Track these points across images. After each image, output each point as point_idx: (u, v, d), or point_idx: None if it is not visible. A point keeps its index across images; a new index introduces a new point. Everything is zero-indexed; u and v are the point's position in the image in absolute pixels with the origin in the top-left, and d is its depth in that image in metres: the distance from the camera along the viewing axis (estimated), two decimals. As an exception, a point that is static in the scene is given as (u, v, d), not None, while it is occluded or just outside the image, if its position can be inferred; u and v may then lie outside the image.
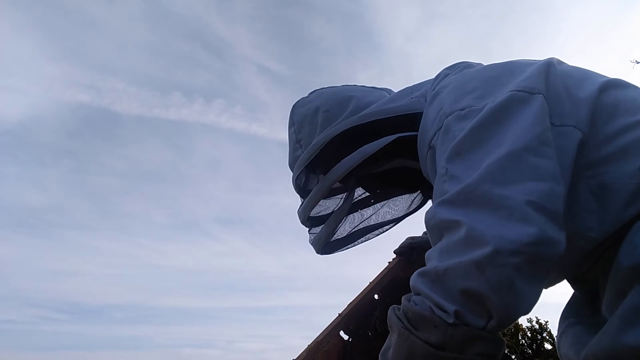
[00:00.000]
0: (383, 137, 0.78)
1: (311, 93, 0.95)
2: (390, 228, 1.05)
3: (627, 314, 0.54)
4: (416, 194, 1.05)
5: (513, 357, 12.63)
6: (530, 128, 0.59)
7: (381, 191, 1.02)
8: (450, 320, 0.54)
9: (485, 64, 0.80)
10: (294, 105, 0.95)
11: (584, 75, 0.74)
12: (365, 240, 1.03)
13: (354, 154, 0.78)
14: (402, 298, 0.63)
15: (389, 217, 1.04)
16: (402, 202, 1.05)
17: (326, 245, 0.96)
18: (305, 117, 0.90)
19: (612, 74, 0.73)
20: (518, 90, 0.64)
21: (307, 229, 0.96)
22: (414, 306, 0.59)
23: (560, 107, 0.65)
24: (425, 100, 0.81)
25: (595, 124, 0.65)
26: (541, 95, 0.63)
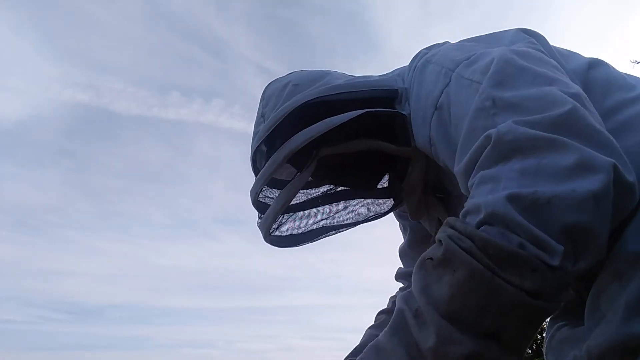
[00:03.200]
0: None
1: (290, 73, 0.88)
2: (351, 228, 0.92)
3: (633, 302, 0.49)
4: (386, 200, 0.91)
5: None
6: (558, 72, 0.56)
7: (340, 182, 0.89)
8: (555, 263, 0.42)
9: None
10: (269, 83, 0.87)
11: (568, 52, 0.72)
12: (321, 238, 0.91)
13: (317, 125, 0.69)
14: (454, 222, 0.48)
15: (351, 219, 0.92)
16: (368, 203, 0.92)
17: (279, 234, 0.86)
18: (274, 90, 0.81)
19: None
20: (529, 42, 0.63)
21: (258, 214, 0.84)
22: (495, 238, 0.44)
23: None
24: (403, 80, 0.76)
25: (592, 99, 0.61)
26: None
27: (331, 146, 0.73)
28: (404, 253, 1.06)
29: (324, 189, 0.91)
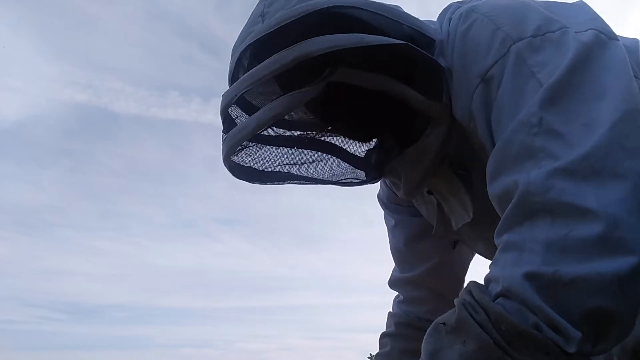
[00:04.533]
0: None
1: None
2: (316, 184, 0.76)
3: None
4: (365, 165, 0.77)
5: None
6: (629, 80, 0.48)
7: (339, 129, 0.73)
8: (572, 350, 0.40)
9: None
10: None
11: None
12: (283, 184, 0.74)
13: (347, 35, 0.54)
14: (473, 289, 0.46)
15: (320, 175, 0.75)
16: (346, 165, 0.77)
17: (239, 161, 0.69)
18: None
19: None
20: (600, 31, 0.52)
21: (223, 128, 0.64)
22: (509, 315, 0.41)
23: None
24: (437, 32, 0.64)
25: None
26: (619, 42, 0.52)
27: (351, 69, 0.58)
28: (398, 254, 0.95)
29: (301, 129, 0.74)
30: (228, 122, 0.64)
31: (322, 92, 0.58)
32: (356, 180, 0.77)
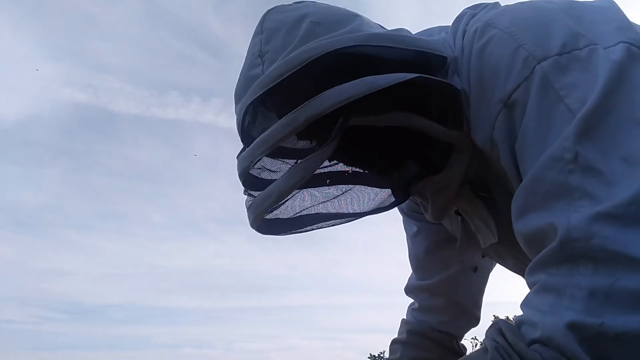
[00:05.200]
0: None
1: (296, 2, 0.65)
2: (349, 221, 0.74)
3: None
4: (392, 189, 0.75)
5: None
6: None
7: (359, 162, 0.71)
8: None
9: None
10: (269, 10, 0.63)
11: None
12: (314, 229, 0.72)
13: (357, 82, 0.51)
14: (506, 331, 0.44)
15: (350, 209, 0.74)
16: (373, 193, 0.75)
17: (268, 217, 0.67)
18: (282, 24, 0.59)
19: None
20: (630, 44, 0.48)
21: (244, 189, 0.65)
22: None
23: None
24: (451, 47, 0.60)
25: None
26: None
27: (364, 114, 0.56)
28: (418, 262, 0.93)
29: (324, 165, 0.72)
30: (248, 182, 0.64)
31: (339, 142, 0.56)
32: (385, 206, 0.74)
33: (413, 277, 0.96)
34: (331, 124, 0.55)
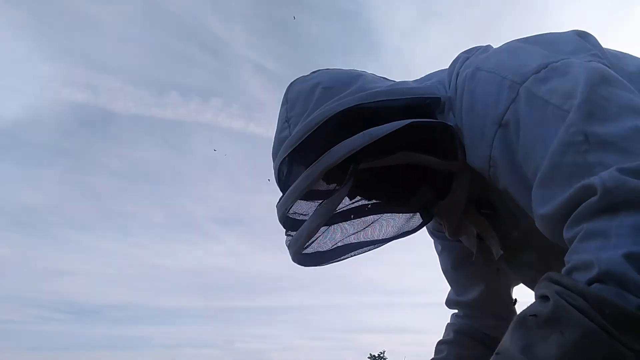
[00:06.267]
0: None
1: (313, 72, 0.79)
2: (380, 246, 0.85)
3: None
4: (414, 214, 0.85)
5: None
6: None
7: (375, 198, 0.83)
8: None
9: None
10: (291, 83, 0.78)
11: (620, 53, 0.68)
12: (351, 257, 0.84)
13: (358, 136, 0.63)
14: (561, 279, 0.45)
15: (379, 236, 0.85)
16: (397, 218, 0.86)
17: (305, 252, 0.79)
18: (300, 93, 0.73)
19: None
20: (599, 57, 0.57)
21: (285, 230, 0.78)
22: (613, 298, 0.40)
23: None
24: (445, 88, 0.70)
25: None
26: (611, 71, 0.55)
27: (370, 159, 0.68)
28: (449, 276, 1.01)
29: (350, 200, 0.84)
30: (287, 225, 0.77)
31: (356, 182, 0.68)
32: (413, 228, 0.85)
33: (451, 292, 1.03)
34: (347, 169, 0.67)
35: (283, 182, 0.73)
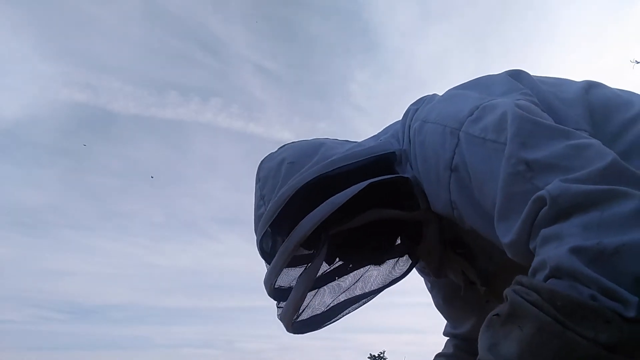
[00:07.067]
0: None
1: (280, 147, 0.86)
2: (375, 297, 0.89)
3: None
4: (395, 260, 0.89)
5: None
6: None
7: (354, 257, 0.85)
8: (631, 314, 0.39)
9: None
10: (261, 161, 0.85)
11: (557, 80, 0.73)
12: (346, 314, 0.88)
13: (322, 206, 0.68)
14: (521, 278, 0.47)
15: (370, 288, 0.89)
16: (382, 269, 0.89)
17: (300, 320, 0.82)
18: (269, 170, 0.80)
19: (610, 73, 0.73)
20: (524, 94, 0.63)
21: (276, 303, 0.82)
22: (563, 291, 0.42)
23: (556, 113, 0.63)
24: (398, 140, 0.76)
25: (595, 123, 0.63)
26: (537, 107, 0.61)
27: (339, 223, 0.72)
28: (442, 311, 1.03)
29: (336, 262, 0.87)
30: (277, 297, 0.81)
31: (328, 250, 0.73)
32: (400, 275, 0.89)
33: (448, 325, 1.05)
34: (318, 237, 0.72)
35: (266, 254, 0.79)
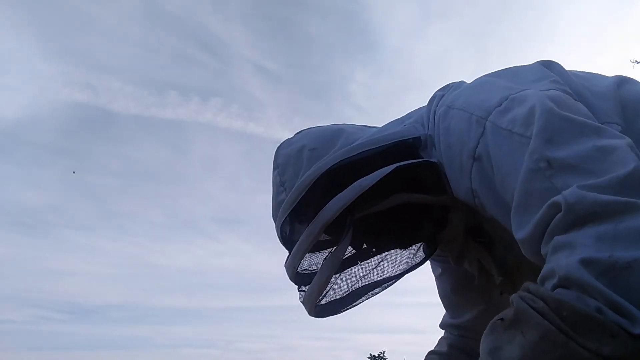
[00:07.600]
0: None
1: (297, 133, 0.85)
2: (392, 284, 0.88)
3: None
4: (418, 246, 0.87)
5: None
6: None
7: (379, 242, 0.85)
8: (638, 331, 0.39)
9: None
10: (278, 147, 0.84)
11: (588, 73, 0.71)
12: (366, 299, 0.87)
13: (348, 189, 0.67)
14: (529, 285, 0.47)
15: (390, 273, 0.88)
16: (404, 254, 0.88)
17: (320, 304, 0.81)
18: (289, 157, 0.79)
19: (610, 73, 0.73)
20: (556, 82, 0.61)
21: (297, 287, 0.82)
22: (570, 301, 0.41)
23: (587, 105, 0.61)
24: (423, 125, 0.75)
25: (627, 118, 0.62)
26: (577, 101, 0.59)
27: (365, 208, 0.72)
28: (446, 300, 1.02)
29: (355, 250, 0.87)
30: (298, 282, 0.81)
31: (353, 235, 0.72)
32: (420, 261, 0.87)
33: (446, 315, 1.05)
34: (345, 220, 0.71)
35: (287, 240, 0.78)
